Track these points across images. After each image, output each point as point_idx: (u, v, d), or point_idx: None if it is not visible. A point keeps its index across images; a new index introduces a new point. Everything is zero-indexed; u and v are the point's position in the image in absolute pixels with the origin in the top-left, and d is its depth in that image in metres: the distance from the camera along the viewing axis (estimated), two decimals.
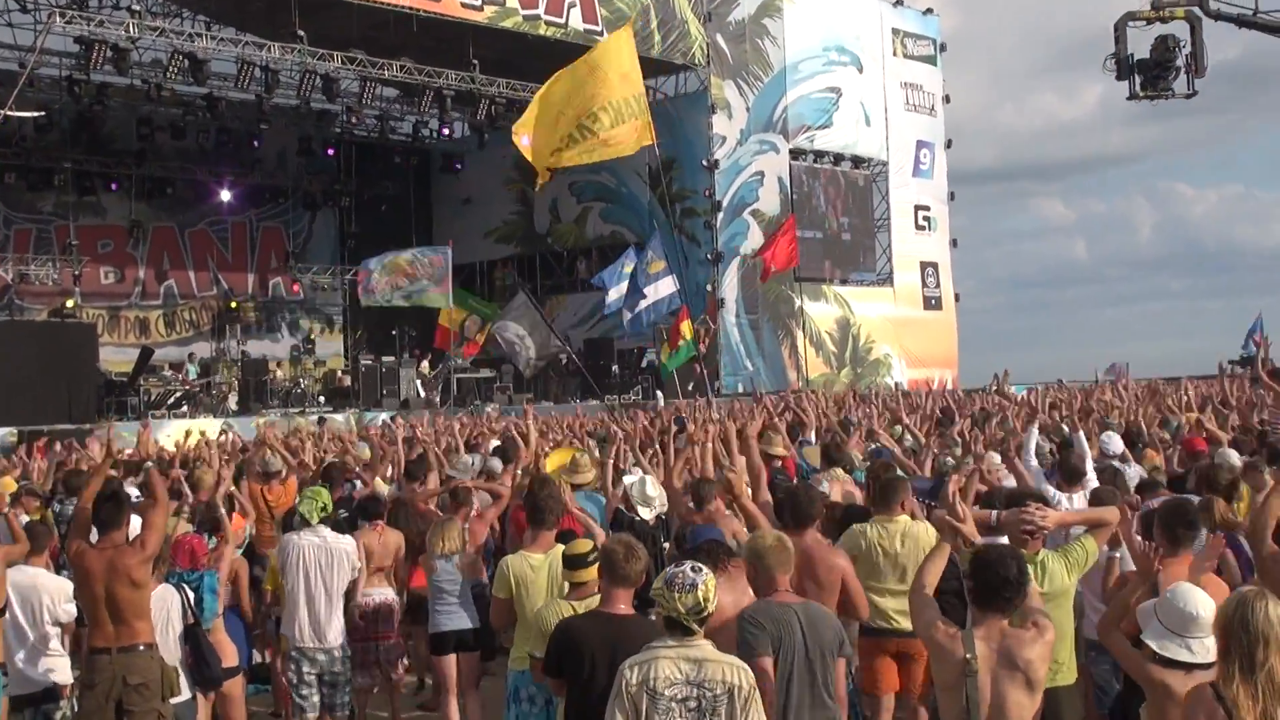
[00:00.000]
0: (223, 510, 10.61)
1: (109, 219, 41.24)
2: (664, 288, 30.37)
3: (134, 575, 8.37)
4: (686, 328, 29.43)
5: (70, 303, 37.55)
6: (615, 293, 32.30)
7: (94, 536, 8.57)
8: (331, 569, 10.22)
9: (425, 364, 37.92)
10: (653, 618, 6.40)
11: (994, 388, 21.64)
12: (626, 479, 11.47)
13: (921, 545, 8.69)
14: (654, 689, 5.64)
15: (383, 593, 11.13)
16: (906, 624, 8.18)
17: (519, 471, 12.24)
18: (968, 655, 5.90)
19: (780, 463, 12.74)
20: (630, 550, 6.85)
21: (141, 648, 8.40)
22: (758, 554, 6.89)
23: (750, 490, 9.74)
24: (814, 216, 42.58)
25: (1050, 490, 10.03)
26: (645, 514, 10.97)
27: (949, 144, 48.18)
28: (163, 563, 9.17)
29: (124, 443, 25.52)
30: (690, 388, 30.99)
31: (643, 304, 29.88)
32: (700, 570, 5.83)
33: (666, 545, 11.08)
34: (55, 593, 9.23)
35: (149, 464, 9.69)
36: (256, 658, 11.93)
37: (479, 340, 32.47)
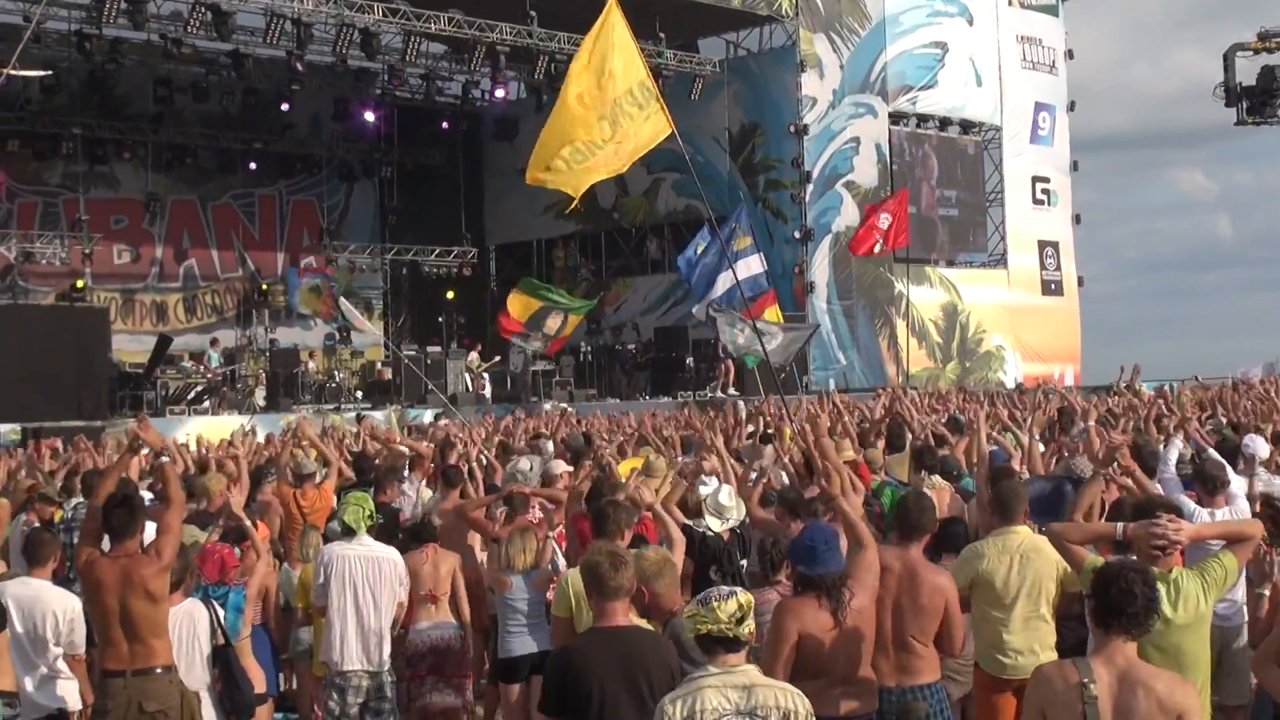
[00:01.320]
0: (246, 520, 10.67)
1: (123, 191, 41.63)
2: (750, 266, 30.14)
3: (150, 587, 8.40)
4: (775, 313, 29.23)
5: (80, 285, 37.98)
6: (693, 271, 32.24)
7: (105, 545, 8.64)
8: (380, 583, 10.26)
9: (475, 354, 38.09)
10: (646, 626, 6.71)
11: (1122, 382, 21.47)
12: (703, 489, 11.50)
13: (1052, 562, 8.60)
14: None
15: (448, 625, 11.14)
16: (1032, 661, 8.13)
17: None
18: (1084, 680, 5.84)
19: (853, 467, 12.68)
20: (616, 559, 6.90)
21: (159, 670, 8.44)
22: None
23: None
24: (917, 189, 42.32)
25: (1187, 502, 9.93)
26: (715, 525, 10.98)
27: (1072, 106, 47.81)
28: (191, 575, 9.25)
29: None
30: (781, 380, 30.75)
31: (722, 286, 29.69)
32: (733, 587, 5.99)
33: (744, 562, 11.09)
34: (61, 609, 9.22)
35: (163, 459, 9.74)
36: (283, 683, 12.02)
37: (565, 336, 32.42)
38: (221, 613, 9.15)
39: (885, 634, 7.90)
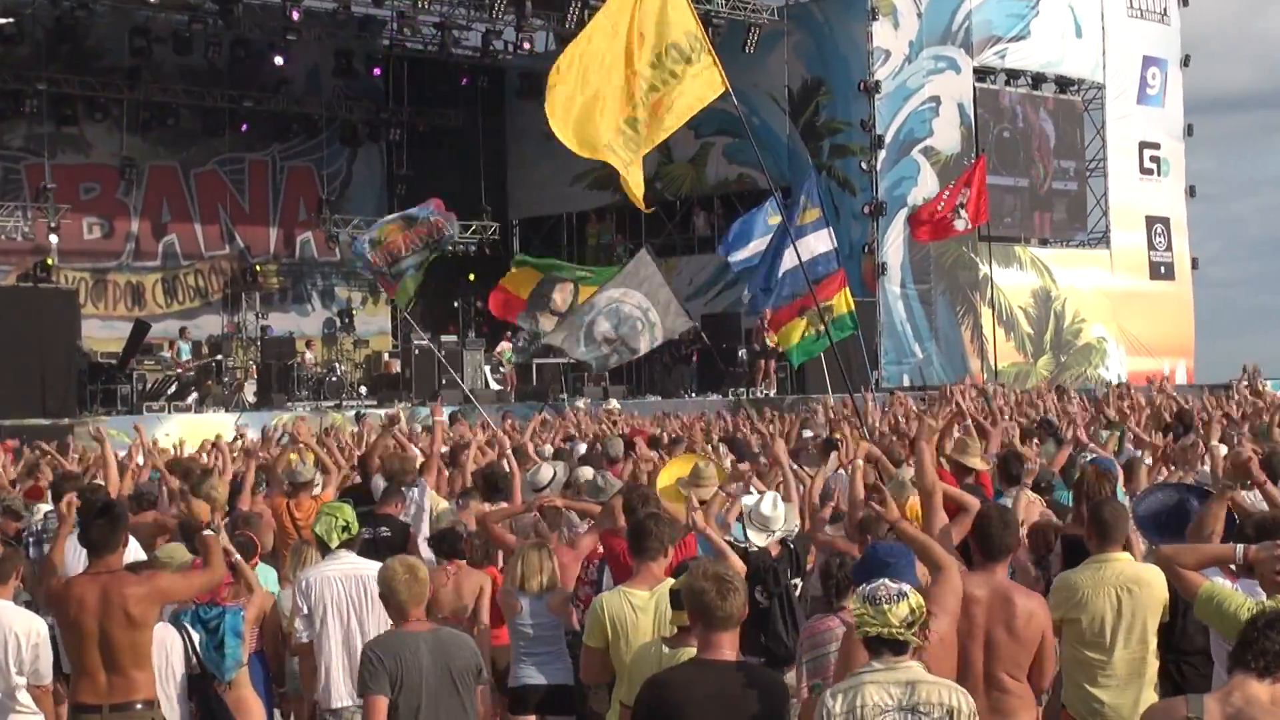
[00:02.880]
0: (236, 553, 10.62)
1: (94, 156, 41.84)
2: (817, 244, 29.95)
3: (133, 610, 8.46)
4: (844, 299, 29.03)
5: (49, 263, 38.14)
6: (743, 252, 32.15)
7: (80, 561, 8.68)
8: (369, 603, 10.18)
9: (505, 345, 38.13)
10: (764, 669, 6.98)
11: (1243, 383, 21.41)
12: (746, 500, 11.49)
13: (1157, 598, 8.57)
14: (862, 718, 6.27)
15: None
16: (1132, 707, 8.13)
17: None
18: (1190, 715, 5.92)
19: (974, 478, 12.67)
20: (723, 585, 6.96)
21: (139, 706, 8.51)
22: (385, 585, 8.23)
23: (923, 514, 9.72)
24: (1005, 156, 42.21)
25: None
26: (758, 540, 10.98)
27: (1186, 61, 47.58)
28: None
29: (114, 443, 25.99)
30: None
31: (786, 265, 29.44)
32: (901, 584, 6.50)
33: (798, 582, 11.07)
34: (24, 632, 9.11)
35: (208, 530, 9.60)
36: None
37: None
38: (198, 638, 9.17)
39: (975, 672, 7.86)
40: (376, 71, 45.40)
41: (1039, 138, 43.74)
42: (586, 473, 13.89)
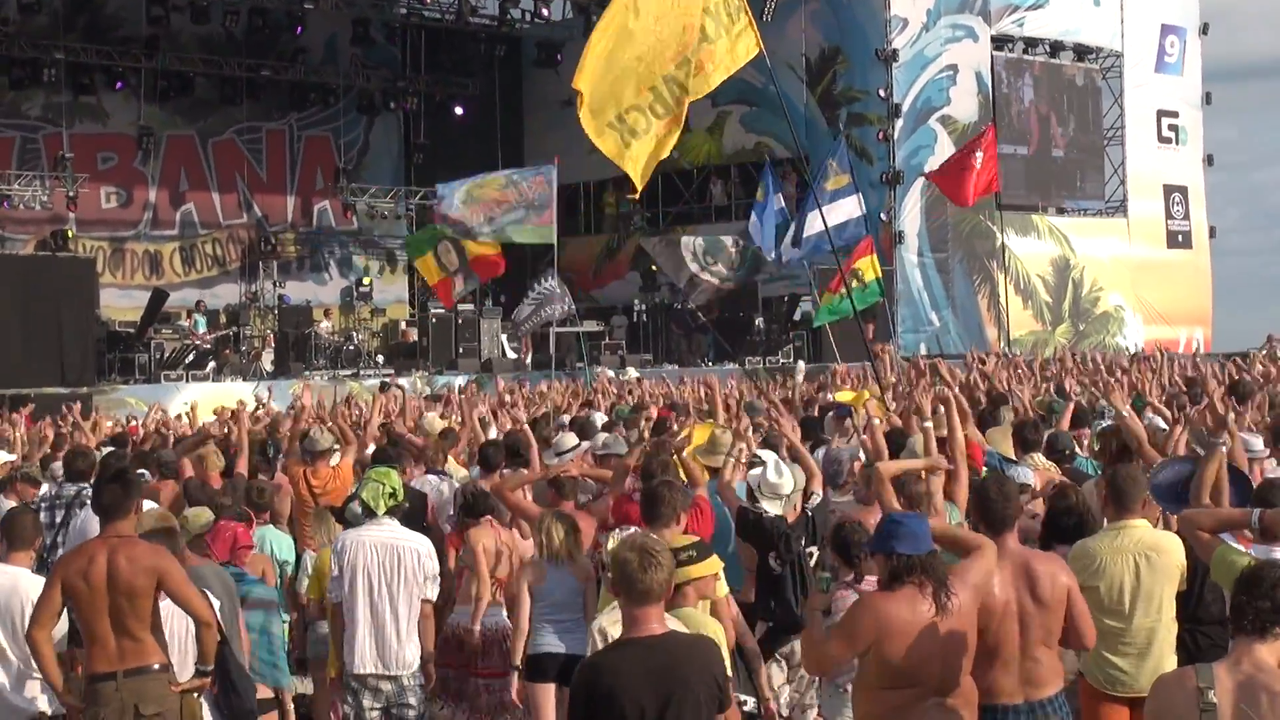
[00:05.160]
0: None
1: (112, 125, 41.86)
2: (846, 209, 29.77)
3: (138, 578, 8.45)
4: (870, 265, 28.89)
5: (70, 234, 38.19)
6: (759, 223, 32.17)
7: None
8: (400, 574, 10.28)
9: None
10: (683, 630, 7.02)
11: (1265, 352, 21.32)
12: (752, 473, 11.49)
13: (1175, 564, 8.55)
14: None
15: (496, 615, 11.26)
16: (1151, 674, 8.09)
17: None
18: (1201, 685, 5.90)
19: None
20: (647, 556, 6.88)
21: (156, 668, 8.52)
22: None
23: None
24: (1022, 125, 42.09)
25: None
26: (772, 509, 10.97)
27: (1205, 29, 47.36)
28: (182, 559, 9.29)
29: (131, 410, 26.10)
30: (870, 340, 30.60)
31: (813, 229, 29.25)
32: None
33: (813, 550, 11.06)
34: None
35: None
36: (299, 685, 12.10)
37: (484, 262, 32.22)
38: (218, 603, 9.18)
39: (1010, 648, 7.72)
40: (394, 40, 45.33)
41: (1057, 107, 43.57)
42: (604, 439, 13.93)
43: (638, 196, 15.66)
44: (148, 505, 10.23)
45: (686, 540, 8.48)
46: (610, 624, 7.98)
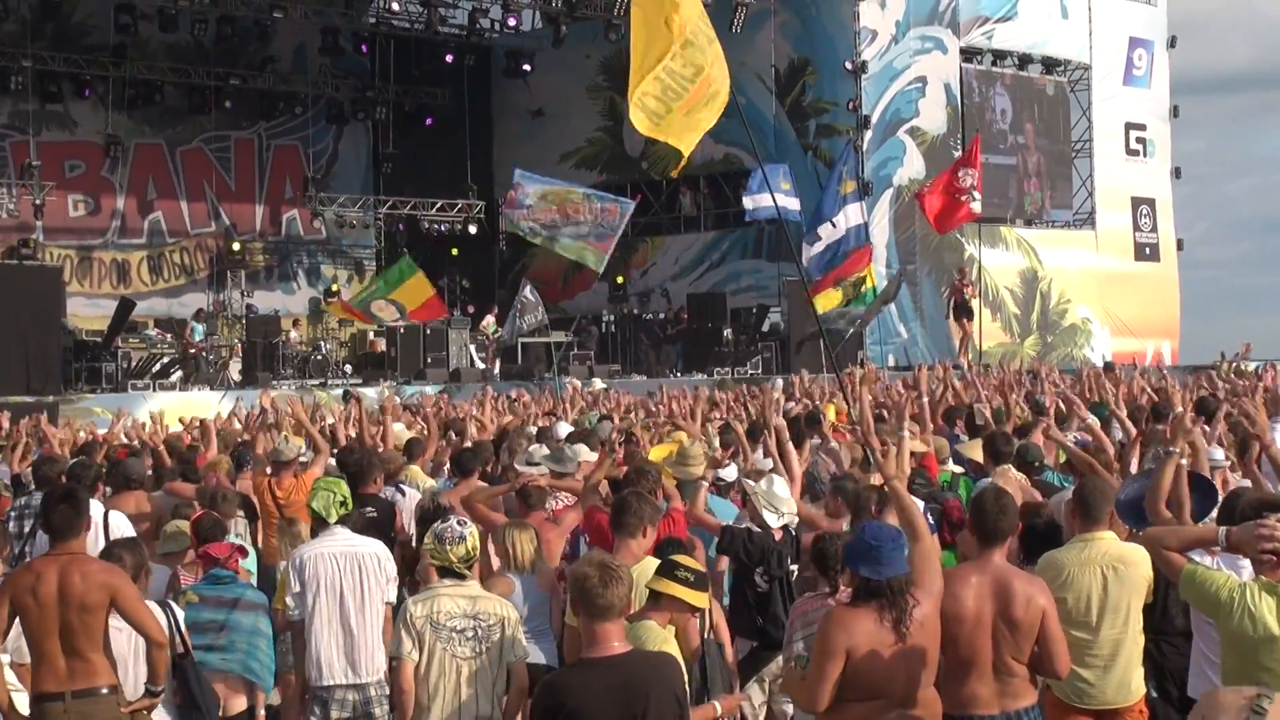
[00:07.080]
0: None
1: (79, 134, 41.75)
2: (854, 216, 29.83)
3: (90, 596, 8.40)
4: (870, 273, 28.94)
5: (32, 241, 38.03)
6: (753, 202, 32.14)
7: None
8: (364, 581, 10.25)
9: (491, 319, 38.08)
10: (653, 650, 7.28)
11: (1226, 367, 21.31)
12: (758, 484, 11.43)
13: (1142, 575, 8.56)
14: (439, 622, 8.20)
15: None
16: (1118, 687, 8.10)
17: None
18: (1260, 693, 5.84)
19: (916, 461, 12.53)
20: (607, 572, 6.89)
21: (104, 691, 8.49)
22: None
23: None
24: (991, 137, 42.16)
25: None
26: (773, 521, 10.93)
27: (1173, 42, 47.58)
28: (145, 575, 9.26)
29: (97, 420, 25.99)
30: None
31: (821, 243, 29.26)
32: (465, 524, 8.70)
33: (795, 568, 11.03)
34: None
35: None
36: (273, 697, 12.06)
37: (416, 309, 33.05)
38: (181, 615, 9.14)
39: (983, 659, 7.72)
40: (363, 49, 45.32)
41: (1025, 119, 43.69)
42: (582, 451, 13.87)
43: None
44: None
45: (694, 564, 8.35)
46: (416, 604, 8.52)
